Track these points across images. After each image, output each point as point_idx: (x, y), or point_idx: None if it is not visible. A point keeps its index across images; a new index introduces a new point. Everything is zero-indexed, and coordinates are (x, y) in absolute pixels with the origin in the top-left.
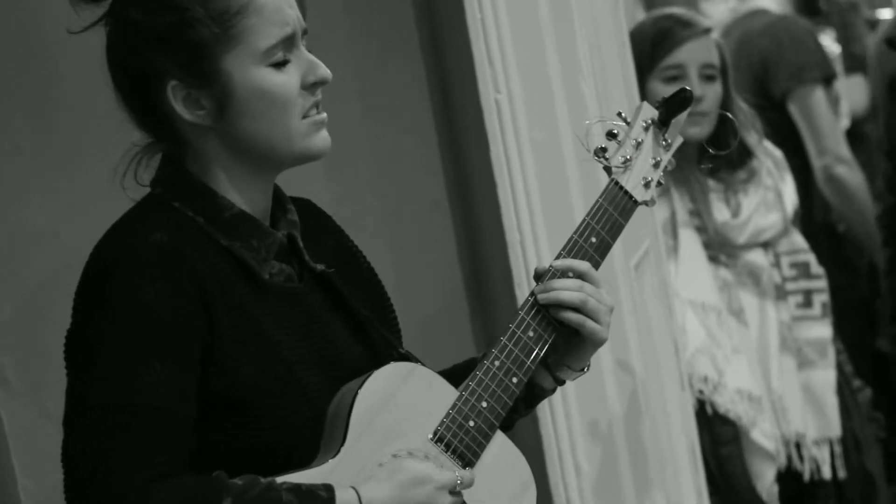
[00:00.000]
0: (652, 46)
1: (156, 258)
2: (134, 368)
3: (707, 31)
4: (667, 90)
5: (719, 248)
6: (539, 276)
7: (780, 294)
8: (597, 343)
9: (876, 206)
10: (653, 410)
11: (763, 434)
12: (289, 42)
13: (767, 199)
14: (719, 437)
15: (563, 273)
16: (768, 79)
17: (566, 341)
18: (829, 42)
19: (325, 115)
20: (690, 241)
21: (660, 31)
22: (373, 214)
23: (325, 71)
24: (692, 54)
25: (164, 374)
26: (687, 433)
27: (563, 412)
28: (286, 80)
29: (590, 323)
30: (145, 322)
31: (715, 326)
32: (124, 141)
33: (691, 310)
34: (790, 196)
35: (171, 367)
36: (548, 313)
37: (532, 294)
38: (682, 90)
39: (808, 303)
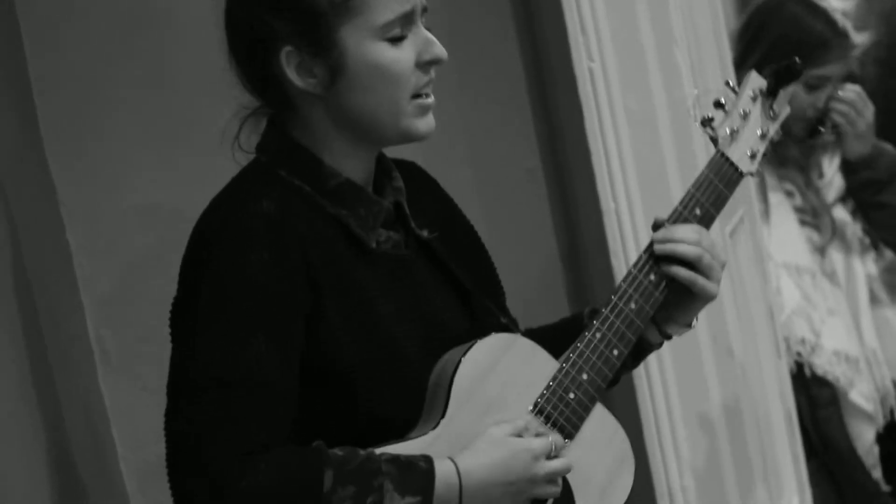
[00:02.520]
0: (804, 49)
1: (262, 228)
2: (237, 341)
3: (855, 46)
4: (804, 96)
5: (810, 209)
6: (657, 227)
7: (865, 247)
8: (707, 299)
9: None
10: (749, 378)
11: (861, 395)
12: (407, 18)
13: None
14: (817, 399)
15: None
16: None
17: (676, 296)
18: None
19: (432, 99)
20: (781, 205)
21: (819, 39)
22: (467, 184)
23: (440, 50)
24: (839, 69)
25: (267, 347)
26: (783, 400)
27: (660, 382)
28: (400, 56)
29: (701, 280)
30: (250, 294)
31: (810, 288)
32: (225, 114)
33: (786, 272)
34: None
35: (274, 339)
36: (657, 273)
37: (646, 251)
38: (793, 61)
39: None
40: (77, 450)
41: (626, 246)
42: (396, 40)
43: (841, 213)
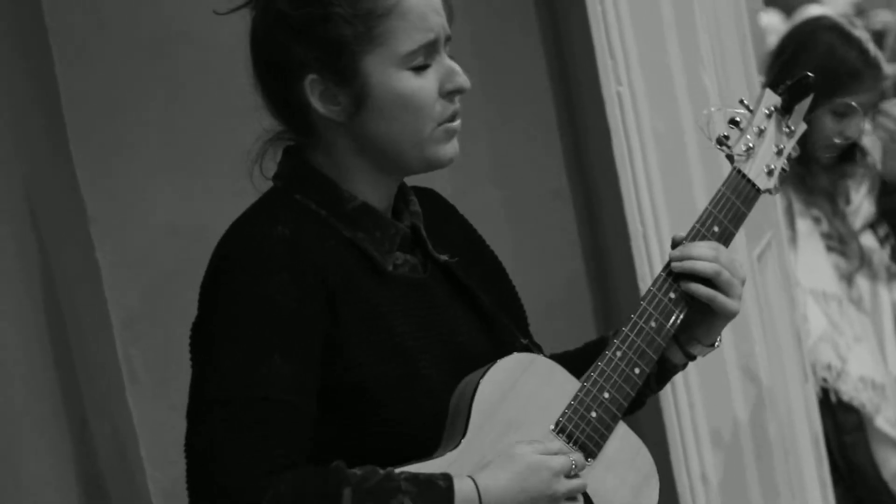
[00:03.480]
0: (836, 78)
1: (279, 250)
2: (254, 361)
3: (887, 76)
4: (832, 124)
5: (837, 236)
6: (676, 244)
7: (892, 274)
8: (728, 316)
9: None
10: (776, 402)
11: (887, 421)
12: (431, 48)
13: (874, 180)
14: (843, 425)
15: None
16: None
17: (697, 315)
18: None
19: (458, 123)
20: (808, 231)
21: (851, 69)
22: (494, 204)
23: (464, 79)
24: (869, 98)
25: (284, 367)
26: (811, 425)
27: (687, 405)
28: (423, 86)
29: (720, 297)
30: (267, 314)
31: (836, 315)
32: (248, 136)
33: (812, 298)
34: None
35: (291, 359)
36: (677, 291)
37: (664, 269)
38: (805, 76)
39: None
40: (105, 468)
41: (653, 269)
42: (420, 69)
43: (869, 240)
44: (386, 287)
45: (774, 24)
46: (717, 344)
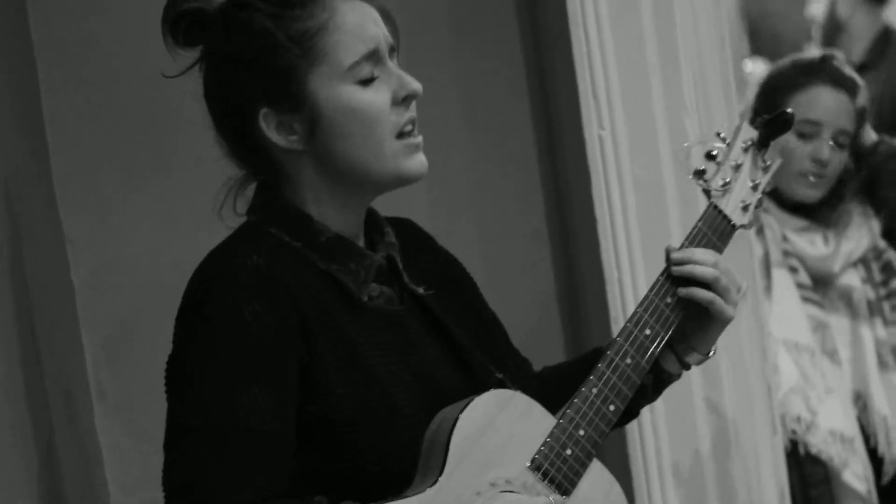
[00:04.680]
0: (789, 90)
1: (254, 281)
2: (231, 391)
3: (854, 91)
4: (796, 144)
5: (817, 284)
6: (669, 252)
7: (874, 309)
8: (724, 322)
9: None
10: (743, 452)
11: (855, 475)
12: (374, 57)
13: (857, 222)
14: (810, 477)
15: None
16: None
17: (693, 323)
18: None
19: (420, 138)
20: (784, 281)
21: (800, 76)
22: (472, 242)
23: (415, 84)
24: (831, 116)
25: (261, 396)
26: (777, 476)
27: (654, 450)
28: (374, 97)
29: (719, 301)
30: (243, 344)
31: (808, 366)
32: (224, 165)
33: (785, 349)
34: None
35: (268, 388)
36: (674, 296)
37: (663, 273)
38: (784, 112)
39: None
40: (70, 489)
41: (627, 313)
42: (367, 81)
43: (851, 279)
44: (361, 319)
45: (760, 72)
46: (711, 353)
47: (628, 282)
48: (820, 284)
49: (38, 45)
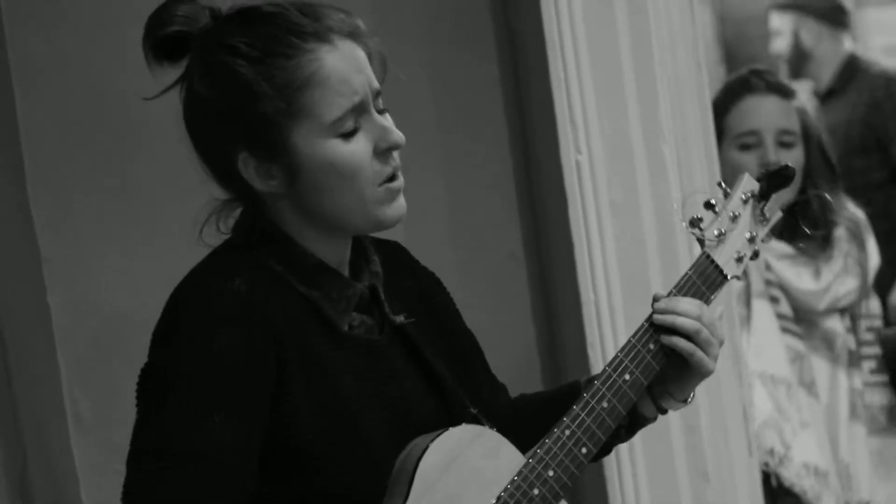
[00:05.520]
0: (724, 111)
1: (233, 305)
2: (197, 417)
3: (786, 94)
4: (742, 158)
5: (798, 316)
6: (657, 300)
7: (854, 360)
8: (703, 374)
9: None
10: (720, 477)
11: None
12: (358, 110)
13: (847, 265)
14: None
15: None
16: None
17: (673, 370)
18: None
19: (401, 181)
20: (763, 312)
21: (730, 95)
22: (449, 266)
23: (397, 136)
24: (767, 120)
25: (226, 426)
26: (753, 499)
27: (630, 476)
28: (355, 150)
29: (699, 353)
30: (215, 370)
31: (784, 399)
32: (201, 187)
33: (760, 382)
34: (872, 259)
35: (233, 417)
36: (656, 343)
37: (647, 320)
38: (785, 166)
39: (881, 368)
40: None
41: (603, 337)
42: (349, 135)
43: (835, 323)
44: (339, 348)
45: None
46: (689, 400)
47: (605, 306)
48: (802, 318)
49: (14, 64)
